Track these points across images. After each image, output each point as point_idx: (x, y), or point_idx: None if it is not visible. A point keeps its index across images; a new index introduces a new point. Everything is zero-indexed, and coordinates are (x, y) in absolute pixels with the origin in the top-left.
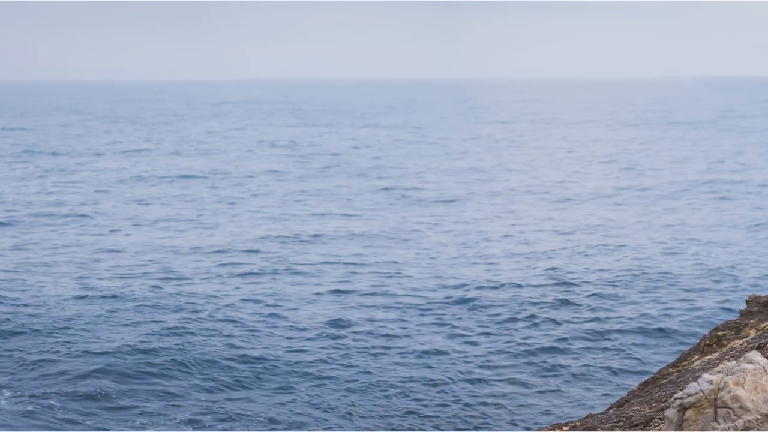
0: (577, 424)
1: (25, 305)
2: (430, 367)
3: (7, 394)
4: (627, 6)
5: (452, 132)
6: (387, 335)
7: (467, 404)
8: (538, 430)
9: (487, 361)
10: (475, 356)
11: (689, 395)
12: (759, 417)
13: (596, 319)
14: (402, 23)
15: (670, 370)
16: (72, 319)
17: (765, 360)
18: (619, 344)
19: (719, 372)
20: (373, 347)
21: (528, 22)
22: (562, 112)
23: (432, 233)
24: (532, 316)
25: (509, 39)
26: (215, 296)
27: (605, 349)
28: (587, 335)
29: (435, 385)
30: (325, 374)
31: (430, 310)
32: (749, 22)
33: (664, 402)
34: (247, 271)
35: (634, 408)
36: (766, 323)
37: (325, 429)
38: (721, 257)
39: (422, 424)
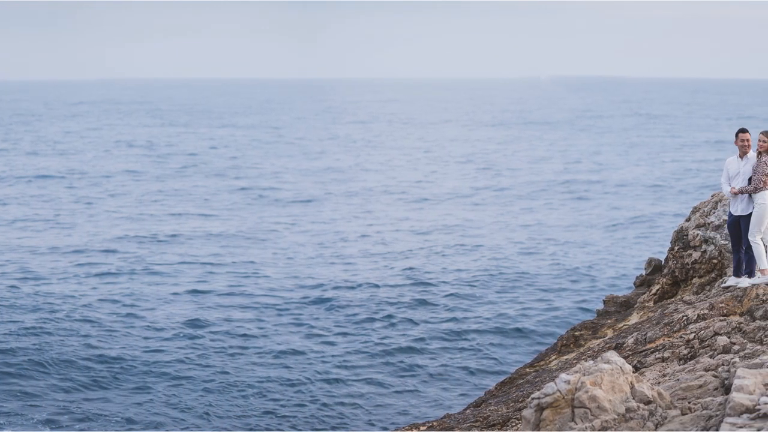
0: (435, 424)
1: None
2: (287, 367)
3: None
4: (487, 6)
5: (309, 132)
6: (244, 335)
7: (324, 404)
8: (396, 430)
9: (345, 361)
10: (333, 356)
11: (546, 395)
12: (616, 417)
13: (453, 319)
14: (260, 23)
15: (528, 369)
16: None
17: (622, 360)
18: (477, 344)
19: (576, 372)
20: (231, 347)
21: (386, 22)
22: (419, 112)
23: (289, 233)
24: (390, 316)
25: (367, 39)
26: (72, 296)
27: (462, 349)
28: (444, 335)
29: (292, 385)
30: (183, 374)
31: (287, 310)
32: (607, 22)
33: (521, 402)
34: (105, 271)
35: (492, 408)
36: (623, 323)
37: (182, 429)
38: (578, 257)
39: (279, 424)
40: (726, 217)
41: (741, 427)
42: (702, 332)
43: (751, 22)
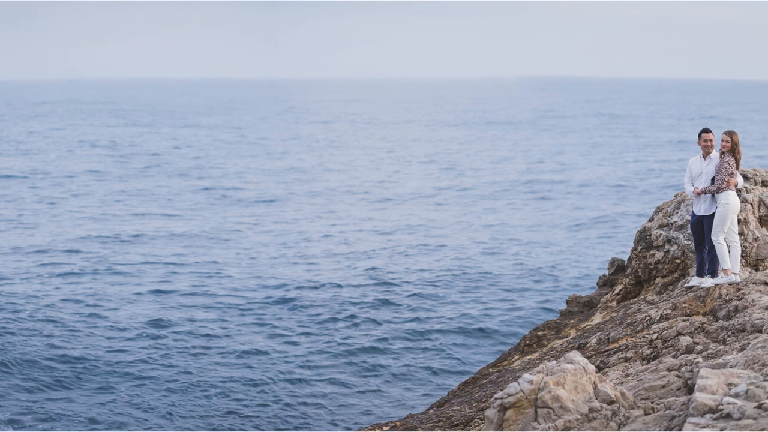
0: (398, 424)
1: None
2: (250, 367)
3: None
4: (450, 6)
5: (272, 132)
6: (207, 335)
7: (287, 404)
8: (359, 430)
9: (308, 361)
10: (296, 356)
11: (509, 395)
12: (579, 417)
13: (416, 319)
14: (223, 23)
15: (491, 370)
16: None
17: (585, 360)
18: (440, 344)
19: (539, 372)
20: (194, 347)
21: (349, 22)
22: (382, 112)
23: (252, 233)
24: (353, 316)
25: (330, 39)
26: (35, 296)
27: (426, 349)
28: (407, 335)
29: (255, 385)
30: (146, 374)
31: (250, 310)
32: (570, 22)
33: (484, 402)
34: (68, 271)
35: (455, 408)
36: (586, 323)
37: (145, 429)
38: (541, 257)
39: (242, 424)
40: (689, 217)
41: (704, 427)
42: (665, 332)
43: (711, 22)
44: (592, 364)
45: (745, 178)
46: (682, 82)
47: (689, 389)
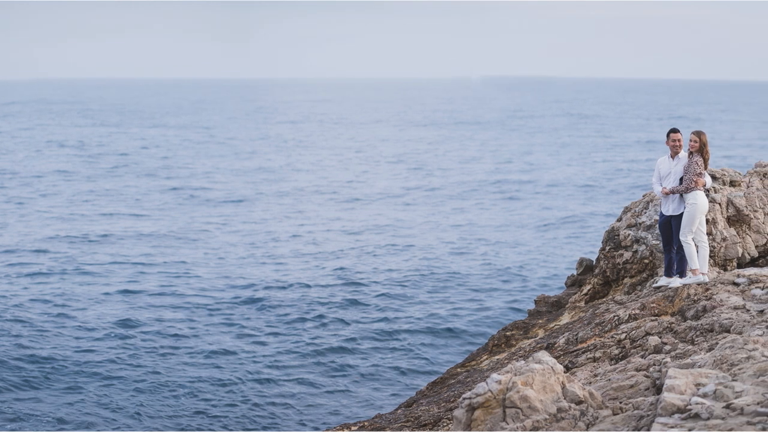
0: (366, 424)
1: None
2: (218, 367)
3: None
4: (419, 6)
5: (241, 132)
6: (175, 335)
7: (256, 404)
8: (327, 430)
9: (276, 361)
10: (264, 356)
11: (478, 395)
12: (547, 417)
13: (385, 319)
14: (193, 23)
15: (459, 370)
16: None
17: (553, 360)
18: (408, 344)
19: (508, 372)
20: (162, 347)
21: (318, 22)
22: (351, 112)
23: (220, 233)
24: (321, 316)
25: (299, 39)
26: (4, 296)
27: (394, 349)
28: (376, 335)
29: (223, 385)
30: (114, 374)
31: (218, 310)
32: (538, 22)
33: (452, 402)
34: (36, 271)
35: (423, 408)
36: (554, 323)
37: (113, 429)
38: (509, 257)
39: (211, 424)
40: (657, 217)
41: (672, 427)
42: (633, 332)
43: (680, 22)
44: (561, 364)
45: (714, 178)
46: (650, 82)
47: (657, 389)
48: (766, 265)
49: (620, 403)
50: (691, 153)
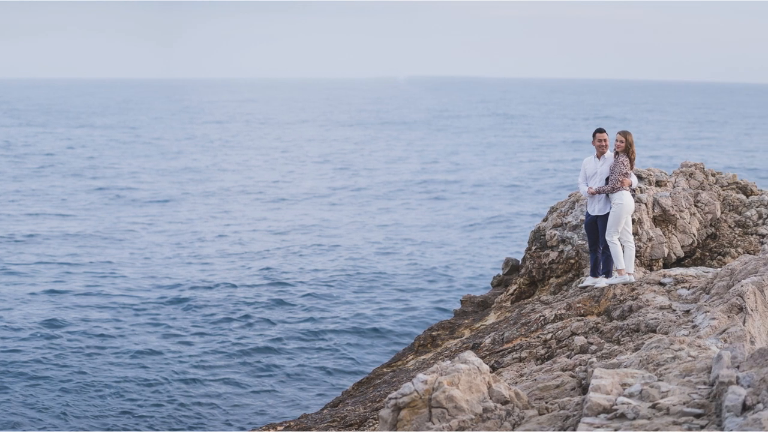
0: (292, 424)
1: None
2: (144, 367)
3: None
4: (344, 6)
5: (167, 132)
6: (101, 335)
7: (182, 404)
8: (253, 430)
9: (202, 361)
10: (190, 356)
11: (403, 395)
12: (473, 417)
13: (311, 319)
14: (120, 23)
15: (385, 370)
16: None
17: (479, 360)
18: (334, 344)
19: (434, 372)
20: (88, 347)
21: (244, 22)
22: (276, 112)
23: (146, 233)
24: (247, 316)
25: (225, 39)
26: None
27: (320, 349)
28: (302, 335)
29: (150, 385)
30: (40, 374)
31: (144, 310)
32: (464, 22)
33: (378, 402)
34: None
35: (349, 408)
36: (480, 323)
37: (39, 429)
38: (435, 257)
39: (137, 424)
40: (583, 217)
41: (598, 427)
42: (559, 332)
43: (605, 23)
44: (487, 364)
45: (640, 178)
46: (576, 82)
47: (583, 389)
48: (691, 265)
49: (546, 403)
50: (617, 153)
